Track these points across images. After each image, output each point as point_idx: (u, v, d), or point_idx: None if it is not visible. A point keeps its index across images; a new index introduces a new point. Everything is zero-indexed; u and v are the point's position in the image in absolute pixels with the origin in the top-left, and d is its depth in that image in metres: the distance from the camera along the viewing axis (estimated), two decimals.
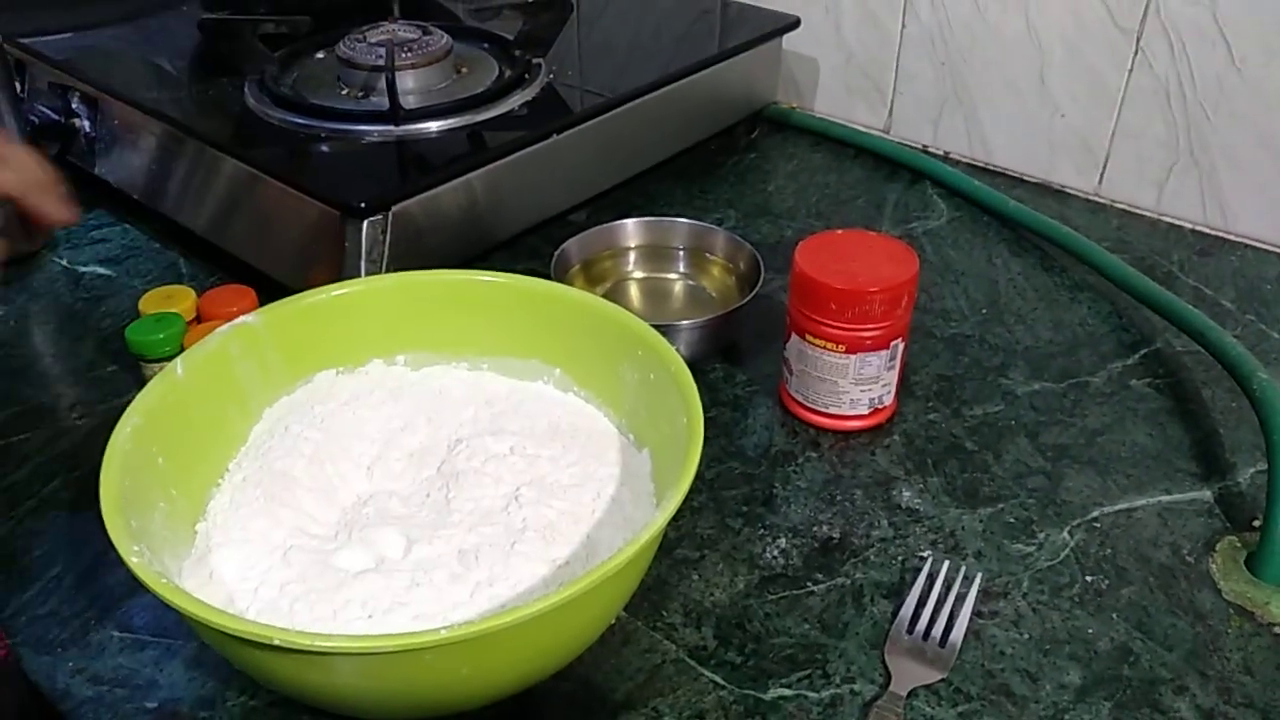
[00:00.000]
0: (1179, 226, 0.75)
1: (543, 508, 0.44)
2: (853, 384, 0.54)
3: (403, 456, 0.49)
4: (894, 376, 0.55)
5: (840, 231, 0.56)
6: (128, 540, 0.36)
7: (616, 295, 0.64)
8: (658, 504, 0.44)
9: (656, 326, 0.47)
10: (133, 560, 0.36)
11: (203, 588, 0.41)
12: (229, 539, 0.43)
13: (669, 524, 0.36)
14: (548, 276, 0.52)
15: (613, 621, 0.43)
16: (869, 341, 0.52)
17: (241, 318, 0.47)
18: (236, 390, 0.48)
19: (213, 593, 0.41)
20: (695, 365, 0.59)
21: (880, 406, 0.55)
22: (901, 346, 0.54)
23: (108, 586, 0.46)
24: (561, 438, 0.48)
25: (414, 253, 0.62)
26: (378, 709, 0.39)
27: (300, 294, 0.49)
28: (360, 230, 0.59)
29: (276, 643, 0.33)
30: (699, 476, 0.52)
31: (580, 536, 0.43)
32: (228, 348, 0.47)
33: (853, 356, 0.53)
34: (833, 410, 0.55)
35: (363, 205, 0.58)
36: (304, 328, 0.49)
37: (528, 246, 0.71)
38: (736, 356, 0.61)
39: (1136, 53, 0.72)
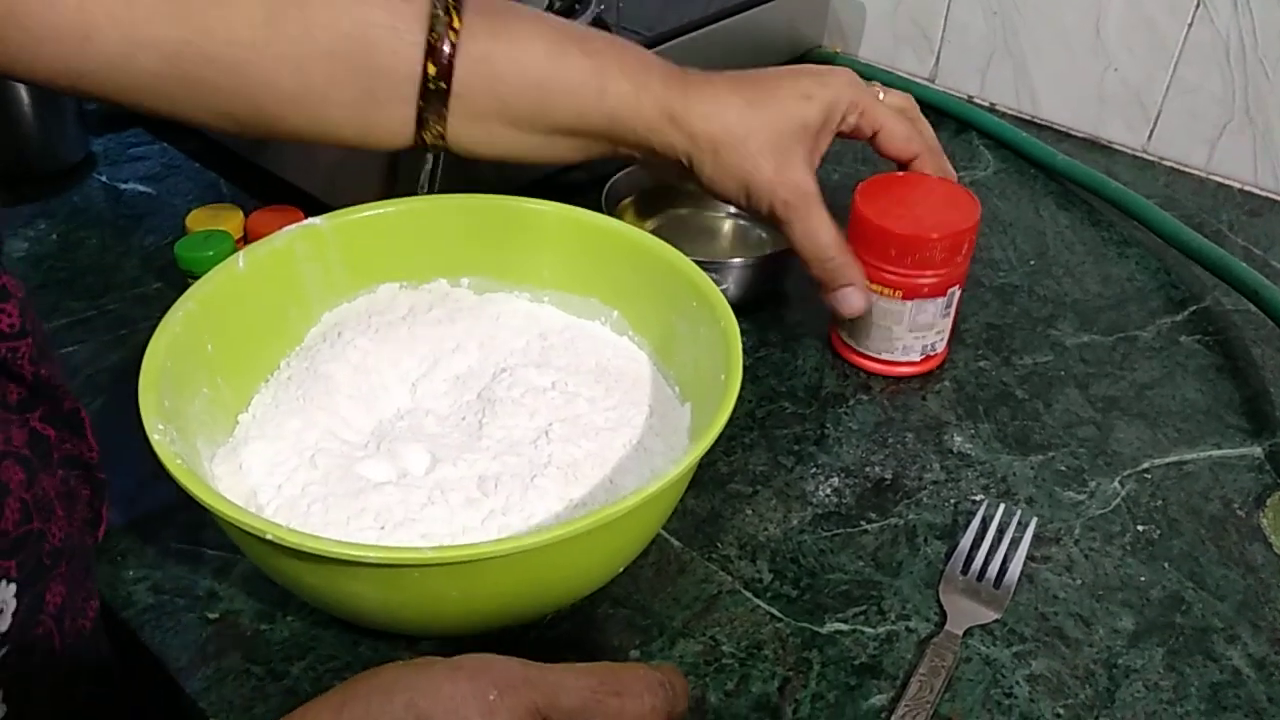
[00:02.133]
0: (1228, 186, 0.74)
1: (570, 446, 0.43)
2: (907, 330, 0.53)
3: (448, 377, 0.48)
4: (948, 324, 0.55)
5: (901, 174, 0.56)
6: (155, 418, 0.37)
7: (665, 231, 0.63)
8: None
9: (708, 264, 0.47)
10: (154, 436, 0.36)
11: (230, 476, 0.42)
12: (263, 434, 0.44)
13: (720, 459, 0.35)
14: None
15: (627, 563, 0.42)
16: (926, 288, 0.52)
17: (310, 220, 0.47)
18: (297, 290, 0.48)
19: (238, 483, 0.42)
20: (744, 305, 0.59)
21: (932, 354, 0.55)
22: (958, 294, 0.54)
23: (165, 497, 0.46)
24: (606, 380, 0.48)
25: (459, 181, 0.61)
26: (377, 619, 0.39)
27: (369, 204, 0.49)
28: (412, 155, 0.58)
29: (269, 537, 0.33)
30: (749, 414, 0.53)
31: (601, 479, 0.42)
32: (293, 247, 0.47)
33: (909, 303, 0.52)
34: (885, 356, 0.55)
35: None
36: (371, 238, 0.49)
37: (570, 182, 0.70)
38: (784, 298, 0.61)
39: (1198, 6, 0.71)
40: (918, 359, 0.55)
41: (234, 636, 0.41)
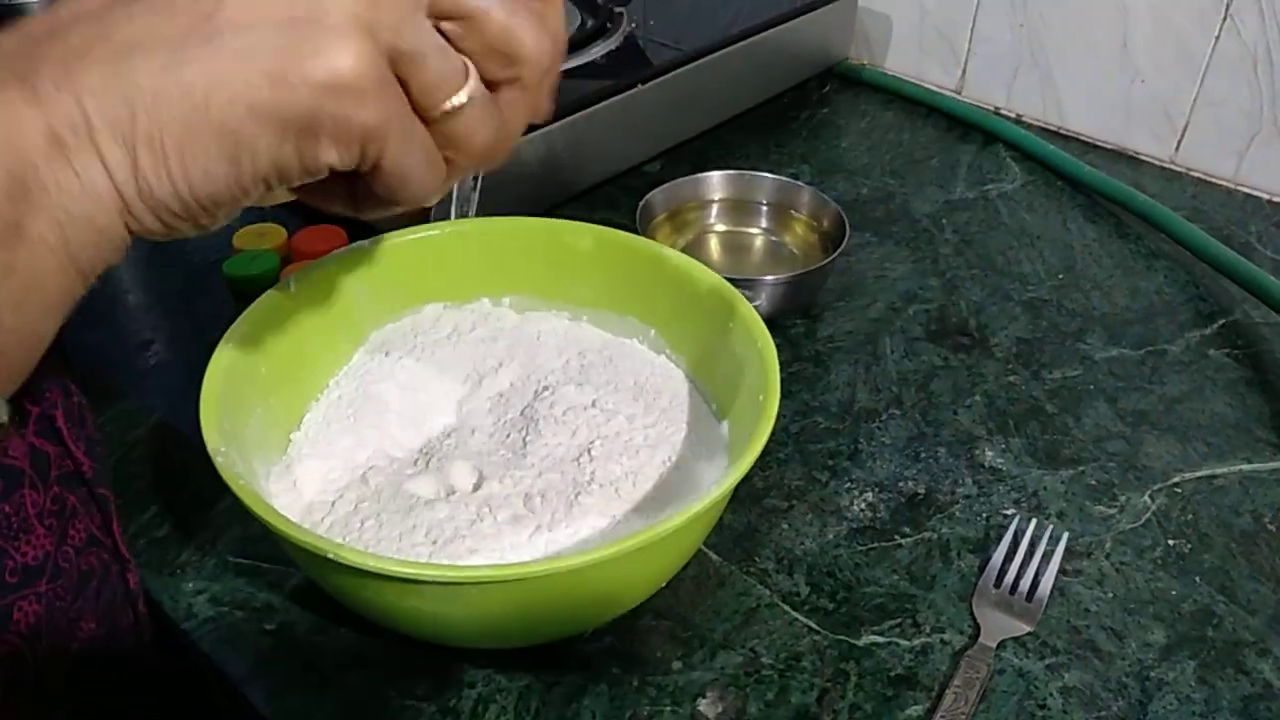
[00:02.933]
0: (1256, 197, 0.75)
1: (612, 464, 0.45)
2: None
3: (492, 395, 0.50)
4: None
5: None
6: (217, 439, 0.38)
7: (698, 247, 0.65)
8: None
9: (741, 281, 0.48)
10: (217, 459, 0.38)
11: (285, 493, 0.43)
12: (316, 452, 0.45)
13: (756, 474, 0.36)
14: (625, 226, 0.53)
15: (671, 576, 0.44)
16: None
17: (358, 243, 0.49)
18: (345, 312, 0.49)
19: (293, 500, 0.43)
20: (776, 320, 0.60)
21: None
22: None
23: (222, 512, 0.48)
24: (644, 397, 0.49)
25: (498, 201, 0.63)
26: (429, 632, 0.41)
27: (415, 227, 0.50)
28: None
29: (331, 556, 0.34)
30: (784, 429, 0.54)
31: (643, 496, 0.43)
32: (342, 270, 0.48)
33: None
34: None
35: None
36: (416, 259, 0.50)
37: (604, 196, 0.72)
38: (817, 313, 0.62)
39: (1225, 19, 0.71)
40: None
41: (291, 647, 0.43)
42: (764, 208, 0.66)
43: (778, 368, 0.43)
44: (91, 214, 0.26)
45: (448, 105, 0.29)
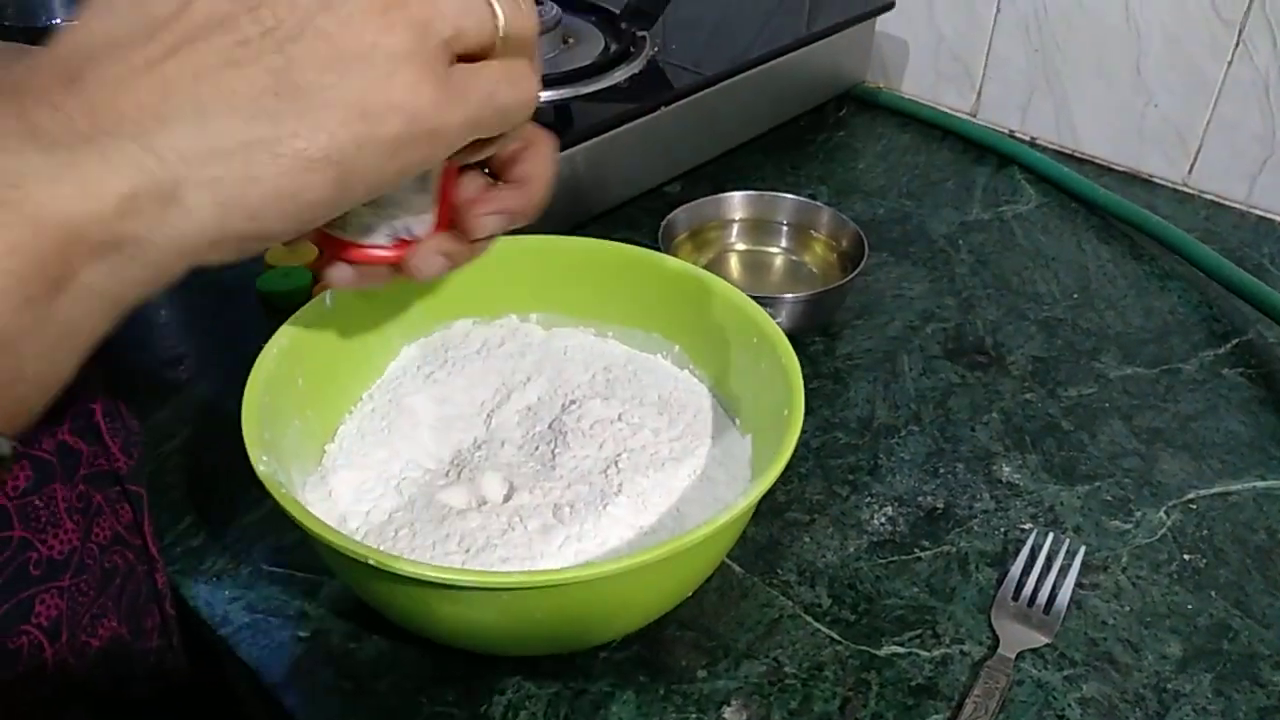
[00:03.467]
0: (1269, 219, 0.76)
1: (639, 476, 0.46)
2: (366, 208, 0.39)
3: (520, 408, 0.51)
4: (429, 201, 0.40)
5: None
6: (259, 449, 0.40)
7: (719, 265, 0.66)
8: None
9: (761, 298, 0.49)
10: (260, 468, 0.39)
11: (321, 503, 0.45)
12: (350, 463, 0.47)
13: (779, 488, 0.37)
14: (646, 246, 0.54)
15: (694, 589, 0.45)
16: None
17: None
18: (379, 326, 0.51)
19: (329, 509, 0.44)
20: (795, 337, 0.61)
21: (408, 237, 0.40)
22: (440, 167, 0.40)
23: (256, 521, 0.49)
24: (669, 411, 0.50)
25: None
26: (461, 638, 0.42)
27: None
28: None
29: (371, 562, 0.35)
30: (805, 444, 0.55)
31: (669, 508, 0.45)
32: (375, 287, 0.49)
33: None
34: (348, 237, 0.39)
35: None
36: (447, 276, 0.51)
37: (624, 216, 0.73)
38: (836, 331, 0.63)
39: (1238, 44, 0.72)
40: (385, 244, 0.39)
41: (325, 654, 0.44)
42: (784, 227, 0.67)
43: (802, 384, 0.44)
44: (158, 260, 0.27)
45: (501, 31, 0.31)
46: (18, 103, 0.26)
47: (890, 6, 0.86)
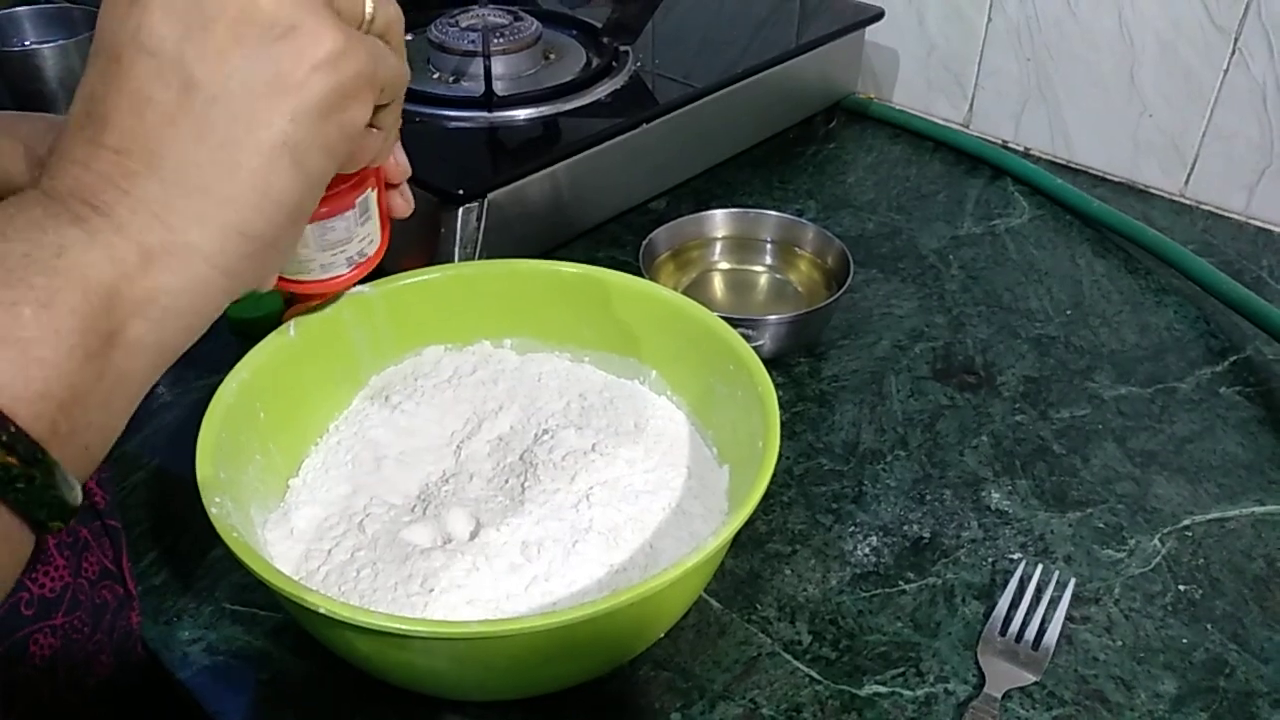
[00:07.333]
0: (1268, 230, 0.74)
1: (611, 510, 0.44)
2: (319, 250, 0.44)
3: (491, 438, 0.49)
4: (373, 225, 0.45)
5: None
6: (212, 491, 0.38)
7: (702, 286, 0.65)
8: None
9: (744, 320, 0.47)
10: (212, 510, 0.37)
11: (282, 541, 0.43)
12: (314, 498, 0.45)
13: (759, 517, 0.35)
14: (629, 264, 0.53)
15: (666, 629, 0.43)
16: (324, 210, 0.42)
17: (357, 287, 0.48)
18: (346, 356, 0.49)
19: (289, 548, 0.43)
20: (779, 359, 0.60)
21: (362, 260, 0.45)
22: (374, 193, 0.44)
23: (220, 558, 0.48)
24: (645, 441, 0.49)
25: (503, 240, 0.63)
26: (425, 684, 0.40)
27: (416, 270, 0.50)
28: (456, 217, 0.59)
29: (323, 611, 0.34)
30: (787, 471, 0.53)
31: (642, 544, 0.43)
32: (341, 314, 0.48)
33: (310, 225, 0.42)
34: (305, 278, 0.45)
35: (461, 192, 0.59)
36: (417, 303, 0.50)
37: (608, 234, 0.72)
38: (821, 352, 0.62)
39: (1234, 53, 0.71)
40: (346, 271, 0.45)
41: (286, 696, 0.42)
42: (768, 245, 0.65)
43: (778, 413, 0.43)
44: (192, 303, 0.30)
45: (367, 13, 0.33)
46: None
47: (880, 16, 0.84)
